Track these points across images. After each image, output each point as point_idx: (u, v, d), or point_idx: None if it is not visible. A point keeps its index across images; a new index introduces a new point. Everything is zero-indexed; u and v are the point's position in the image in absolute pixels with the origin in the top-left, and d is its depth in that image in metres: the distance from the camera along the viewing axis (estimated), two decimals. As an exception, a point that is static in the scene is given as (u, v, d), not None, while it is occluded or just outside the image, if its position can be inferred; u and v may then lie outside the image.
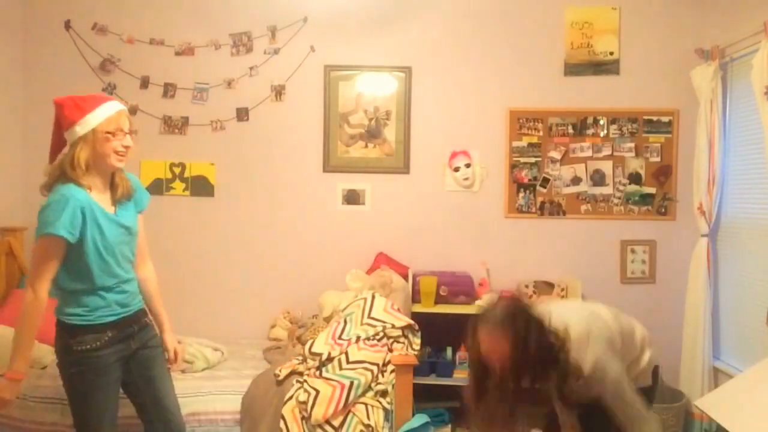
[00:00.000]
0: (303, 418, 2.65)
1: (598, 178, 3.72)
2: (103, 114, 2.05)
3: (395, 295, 3.19)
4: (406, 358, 2.88)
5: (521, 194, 3.75)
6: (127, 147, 2.11)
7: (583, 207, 3.73)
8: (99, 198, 2.09)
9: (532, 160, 3.74)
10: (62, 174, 2.03)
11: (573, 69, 3.72)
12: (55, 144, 2.14)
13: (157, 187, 3.73)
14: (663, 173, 3.69)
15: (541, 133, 3.73)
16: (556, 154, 3.72)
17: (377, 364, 2.80)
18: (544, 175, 3.73)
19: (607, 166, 3.71)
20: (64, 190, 1.99)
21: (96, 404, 2.12)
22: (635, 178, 3.69)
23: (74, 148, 2.03)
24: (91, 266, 2.06)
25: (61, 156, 2.09)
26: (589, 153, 3.71)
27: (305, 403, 2.66)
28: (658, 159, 3.69)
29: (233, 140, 3.78)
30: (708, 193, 3.34)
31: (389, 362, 2.85)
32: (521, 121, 3.73)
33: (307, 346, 2.95)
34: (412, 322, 3.02)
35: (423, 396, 3.11)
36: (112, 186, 2.16)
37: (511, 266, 3.69)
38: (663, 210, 3.69)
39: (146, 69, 3.77)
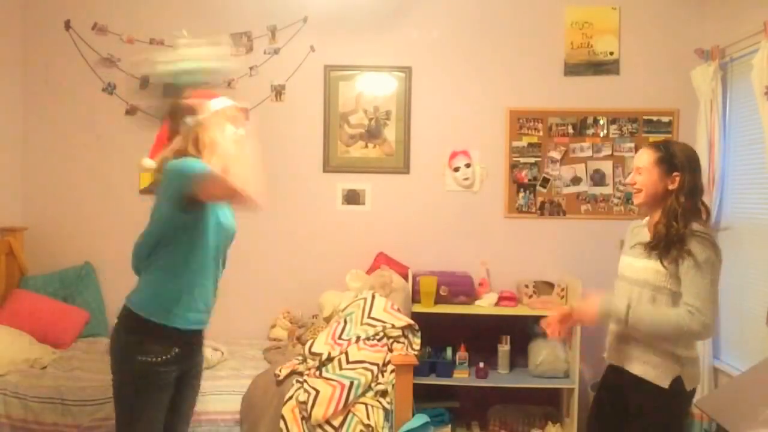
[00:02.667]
0: (303, 418, 2.65)
1: (598, 178, 3.72)
2: (222, 102, 2.08)
3: (395, 295, 3.19)
4: (406, 358, 2.88)
5: (521, 194, 3.75)
6: (242, 136, 2.10)
7: (583, 207, 3.73)
8: None
9: (532, 160, 3.74)
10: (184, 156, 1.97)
11: (573, 69, 3.72)
12: (160, 137, 2.09)
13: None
14: (663, 173, 3.69)
15: (541, 133, 3.73)
16: (556, 154, 3.72)
17: (377, 364, 2.80)
18: (544, 175, 3.73)
19: (607, 166, 3.71)
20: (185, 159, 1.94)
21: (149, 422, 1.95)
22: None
23: (196, 132, 1.99)
24: (205, 249, 1.96)
25: (177, 141, 2.01)
26: (589, 153, 3.71)
27: (305, 403, 2.66)
28: (658, 159, 3.68)
29: (233, 140, 3.78)
30: (708, 193, 3.33)
31: (389, 362, 2.85)
32: (521, 121, 3.73)
33: (307, 346, 2.95)
34: (412, 322, 3.02)
35: (423, 396, 3.11)
36: None
37: (511, 266, 3.69)
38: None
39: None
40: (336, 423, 2.64)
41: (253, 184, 1.86)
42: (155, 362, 1.88)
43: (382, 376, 2.80)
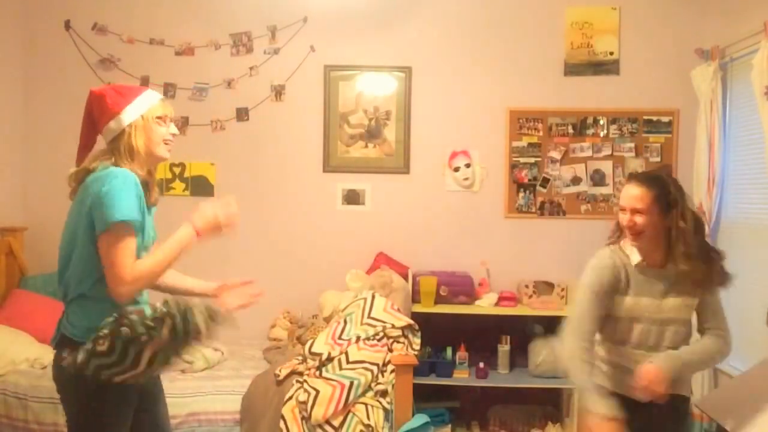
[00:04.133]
0: (303, 418, 2.66)
1: (598, 178, 3.71)
2: (149, 100, 1.86)
3: (395, 295, 3.19)
4: (406, 358, 2.88)
5: (521, 194, 3.75)
6: (174, 135, 1.93)
7: (583, 207, 3.73)
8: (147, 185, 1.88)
9: (532, 160, 3.74)
10: (115, 165, 1.79)
11: (573, 69, 3.72)
12: (84, 140, 1.91)
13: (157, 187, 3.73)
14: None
15: (541, 133, 3.73)
16: (556, 154, 3.72)
17: (377, 364, 2.80)
18: (544, 175, 3.73)
19: (607, 166, 3.71)
20: (119, 171, 1.74)
21: None
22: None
23: (126, 136, 1.80)
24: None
25: (104, 149, 1.84)
26: (589, 153, 3.71)
27: (305, 403, 2.66)
28: (658, 159, 3.69)
29: (233, 140, 3.78)
30: (708, 193, 3.33)
31: (389, 362, 2.85)
32: (521, 121, 3.73)
33: (307, 346, 2.95)
34: (412, 322, 3.03)
35: (423, 396, 3.11)
36: (147, 187, 1.90)
37: (511, 266, 3.69)
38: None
39: (146, 69, 3.77)
40: (336, 423, 2.64)
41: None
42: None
43: (382, 376, 2.80)
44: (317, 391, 2.68)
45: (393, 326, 2.97)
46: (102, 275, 1.75)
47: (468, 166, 3.74)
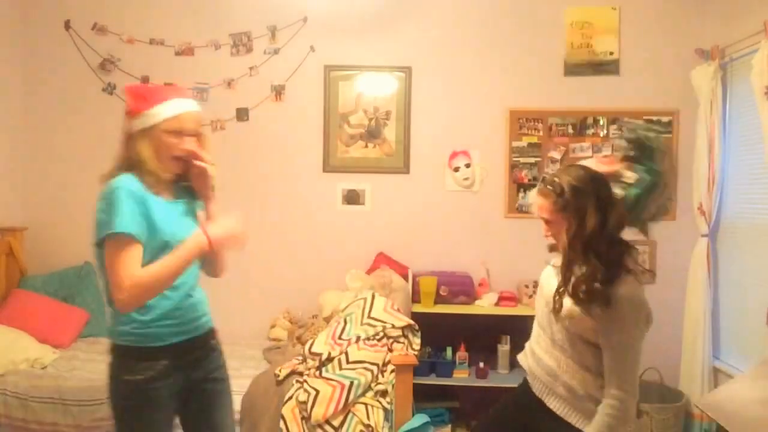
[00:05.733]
0: (303, 418, 2.65)
1: (598, 178, 3.71)
2: (169, 110, 1.76)
3: (395, 295, 3.19)
4: (406, 358, 2.88)
5: (521, 194, 3.75)
6: (188, 151, 1.81)
7: (583, 207, 3.72)
8: (160, 188, 1.80)
9: (532, 160, 3.74)
10: (127, 167, 1.76)
11: (573, 69, 3.72)
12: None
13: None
14: (663, 173, 3.69)
15: (541, 133, 3.73)
16: (556, 154, 3.72)
17: (377, 364, 2.80)
18: (544, 175, 3.73)
19: (607, 166, 3.70)
20: (114, 183, 1.71)
21: None
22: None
23: (135, 142, 1.76)
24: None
25: (123, 147, 1.81)
26: (589, 153, 3.71)
27: (305, 403, 2.66)
28: (658, 159, 3.68)
29: (233, 140, 3.78)
30: (708, 193, 3.34)
31: (389, 362, 2.85)
32: (521, 121, 3.73)
33: (307, 346, 2.95)
34: (411, 322, 3.02)
35: (423, 396, 3.11)
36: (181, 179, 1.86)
37: (511, 266, 3.69)
38: (663, 210, 3.68)
39: (146, 69, 3.77)
40: (336, 423, 2.64)
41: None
42: (140, 380, 1.76)
43: (382, 376, 2.80)
44: (317, 391, 2.68)
45: (393, 326, 2.97)
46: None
47: (468, 166, 3.74)
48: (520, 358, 2.09)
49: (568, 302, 1.80)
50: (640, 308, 1.77)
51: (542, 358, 1.93)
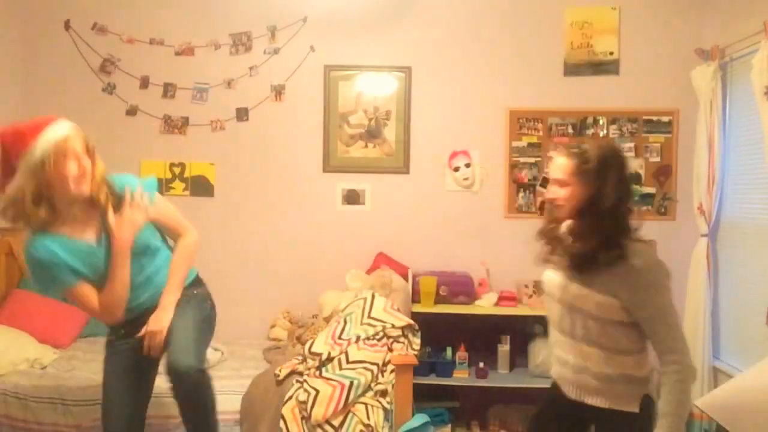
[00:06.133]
0: (303, 418, 2.65)
1: (598, 178, 3.71)
2: (48, 140, 1.91)
3: (395, 295, 3.19)
4: (406, 358, 2.88)
5: (521, 194, 3.75)
6: (82, 169, 1.97)
7: (583, 207, 3.72)
8: (76, 230, 2.03)
9: (532, 160, 3.74)
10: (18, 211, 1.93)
11: (573, 69, 3.72)
12: (2, 173, 1.95)
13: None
14: (663, 173, 3.69)
15: (541, 133, 3.73)
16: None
17: (377, 364, 2.80)
18: (544, 175, 3.73)
19: (607, 166, 3.70)
20: (29, 246, 1.97)
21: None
22: (635, 178, 3.68)
23: (21, 182, 1.88)
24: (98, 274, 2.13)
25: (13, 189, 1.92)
26: (589, 153, 3.70)
27: (305, 402, 2.66)
28: (657, 159, 3.69)
29: (233, 140, 3.78)
30: (708, 193, 3.34)
31: (389, 362, 2.84)
32: (521, 121, 3.73)
33: (307, 346, 2.95)
34: (411, 321, 3.02)
35: (423, 396, 3.11)
36: (93, 207, 2.05)
37: (511, 266, 3.68)
38: (663, 210, 3.69)
39: (146, 69, 3.77)
40: (336, 423, 2.64)
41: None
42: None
43: (382, 376, 2.80)
44: (317, 391, 2.68)
45: (393, 326, 2.97)
46: None
47: (468, 166, 3.74)
48: (552, 373, 2.05)
49: (587, 292, 1.80)
50: (660, 270, 1.81)
51: (568, 360, 1.91)
